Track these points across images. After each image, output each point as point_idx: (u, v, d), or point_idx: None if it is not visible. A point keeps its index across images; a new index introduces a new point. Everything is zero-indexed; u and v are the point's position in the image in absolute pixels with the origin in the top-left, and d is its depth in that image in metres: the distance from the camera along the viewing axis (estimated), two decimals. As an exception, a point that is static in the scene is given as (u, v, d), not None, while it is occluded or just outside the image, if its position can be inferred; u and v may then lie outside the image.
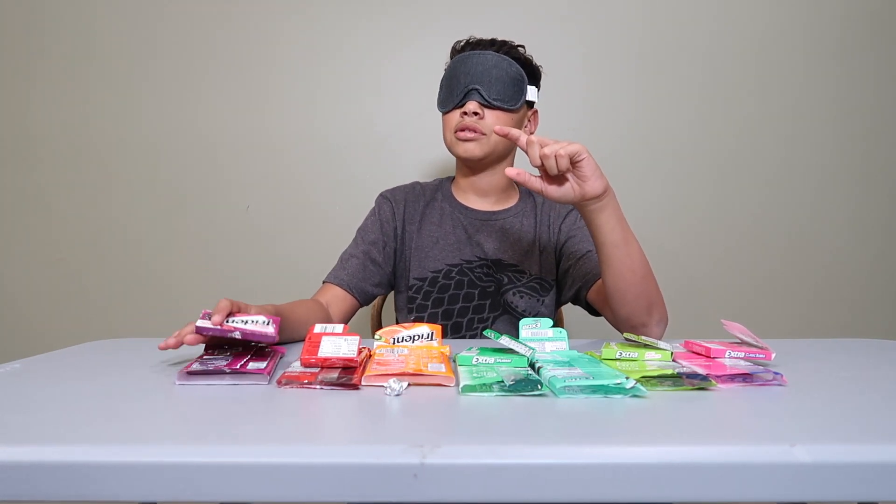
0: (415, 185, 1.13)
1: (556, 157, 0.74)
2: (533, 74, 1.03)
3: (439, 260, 1.04)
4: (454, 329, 1.03)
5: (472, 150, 0.99)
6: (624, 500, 0.37)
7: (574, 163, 0.75)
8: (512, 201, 1.10)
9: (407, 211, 1.08)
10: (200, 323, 0.64)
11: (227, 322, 0.65)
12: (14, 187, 1.52)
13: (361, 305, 1.03)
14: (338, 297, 1.00)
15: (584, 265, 0.99)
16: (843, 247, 1.53)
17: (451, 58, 1.04)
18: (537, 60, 1.06)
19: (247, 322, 0.66)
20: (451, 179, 1.13)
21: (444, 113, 1.01)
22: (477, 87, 0.96)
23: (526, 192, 1.12)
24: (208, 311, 0.66)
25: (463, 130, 0.98)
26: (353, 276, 1.02)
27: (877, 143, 1.52)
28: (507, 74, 0.97)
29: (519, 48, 1.02)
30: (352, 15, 1.50)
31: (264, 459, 0.38)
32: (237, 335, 0.64)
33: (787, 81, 1.51)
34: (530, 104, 1.04)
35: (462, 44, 1.03)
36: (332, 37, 1.50)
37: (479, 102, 0.97)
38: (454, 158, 1.06)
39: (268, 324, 0.66)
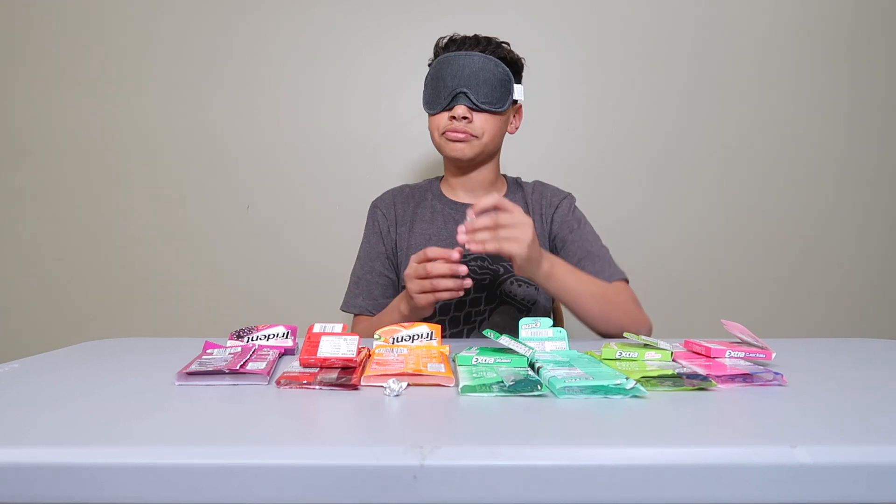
0: (403, 187, 1.14)
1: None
2: (517, 72, 1.03)
3: None
4: (452, 323, 1.04)
5: (463, 150, 1.00)
6: (624, 501, 0.37)
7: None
8: (500, 194, 1.10)
9: (397, 213, 1.09)
10: (230, 343, 0.72)
11: (252, 340, 0.74)
12: (13, 187, 1.51)
13: None
14: (366, 322, 1.05)
15: None
16: (844, 247, 1.53)
17: (435, 55, 1.03)
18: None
19: (268, 337, 0.75)
20: (441, 178, 1.14)
21: (432, 114, 1.02)
22: (465, 90, 0.96)
23: (514, 183, 1.13)
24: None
25: (453, 132, 0.98)
26: (368, 298, 1.05)
27: (877, 142, 1.52)
28: (495, 76, 0.97)
29: (503, 45, 1.01)
30: (352, 14, 1.50)
31: (263, 461, 0.37)
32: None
33: (786, 79, 1.51)
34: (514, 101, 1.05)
35: (445, 41, 1.03)
36: (331, 36, 1.50)
37: (468, 106, 0.97)
38: None
39: (286, 336, 0.74)
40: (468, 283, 0.81)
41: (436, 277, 0.80)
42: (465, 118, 0.97)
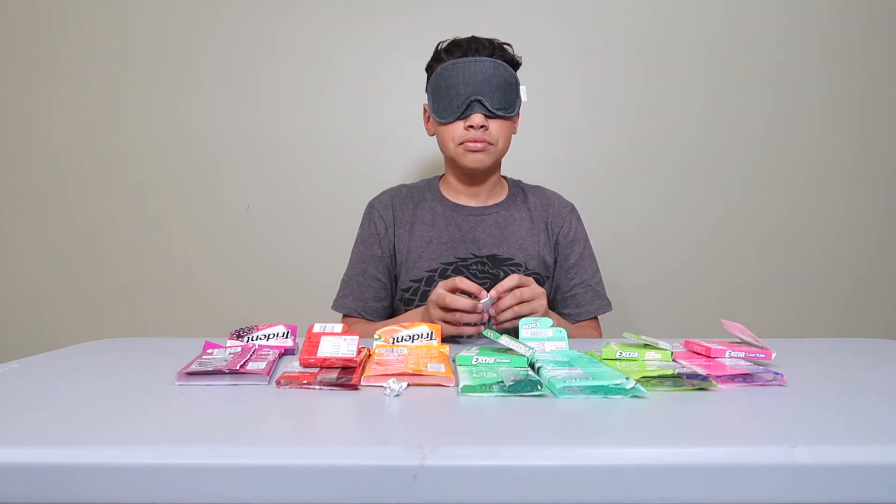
0: (401, 187, 1.13)
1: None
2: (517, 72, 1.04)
3: (434, 259, 1.04)
4: None
5: (483, 161, 1.00)
6: (624, 501, 0.37)
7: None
8: (501, 196, 1.10)
9: (396, 215, 1.08)
10: (230, 343, 0.72)
11: (252, 339, 0.73)
12: (14, 187, 1.51)
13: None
14: (362, 323, 1.05)
15: (568, 303, 1.06)
16: (843, 246, 1.53)
17: (436, 59, 1.02)
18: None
19: (268, 337, 0.74)
20: (439, 178, 1.13)
21: (444, 124, 0.99)
22: (480, 98, 0.95)
23: (515, 186, 1.13)
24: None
25: (472, 142, 0.98)
26: (357, 300, 1.05)
27: (875, 141, 1.52)
28: (505, 81, 0.97)
29: (506, 46, 1.01)
30: (351, 13, 1.50)
31: (263, 461, 0.37)
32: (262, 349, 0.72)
33: (789, 80, 1.51)
34: None
35: (446, 44, 1.01)
36: (331, 35, 1.50)
37: (484, 114, 0.96)
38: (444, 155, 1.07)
39: (286, 335, 0.74)
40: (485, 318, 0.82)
41: (459, 312, 0.80)
42: (482, 126, 0.96)
